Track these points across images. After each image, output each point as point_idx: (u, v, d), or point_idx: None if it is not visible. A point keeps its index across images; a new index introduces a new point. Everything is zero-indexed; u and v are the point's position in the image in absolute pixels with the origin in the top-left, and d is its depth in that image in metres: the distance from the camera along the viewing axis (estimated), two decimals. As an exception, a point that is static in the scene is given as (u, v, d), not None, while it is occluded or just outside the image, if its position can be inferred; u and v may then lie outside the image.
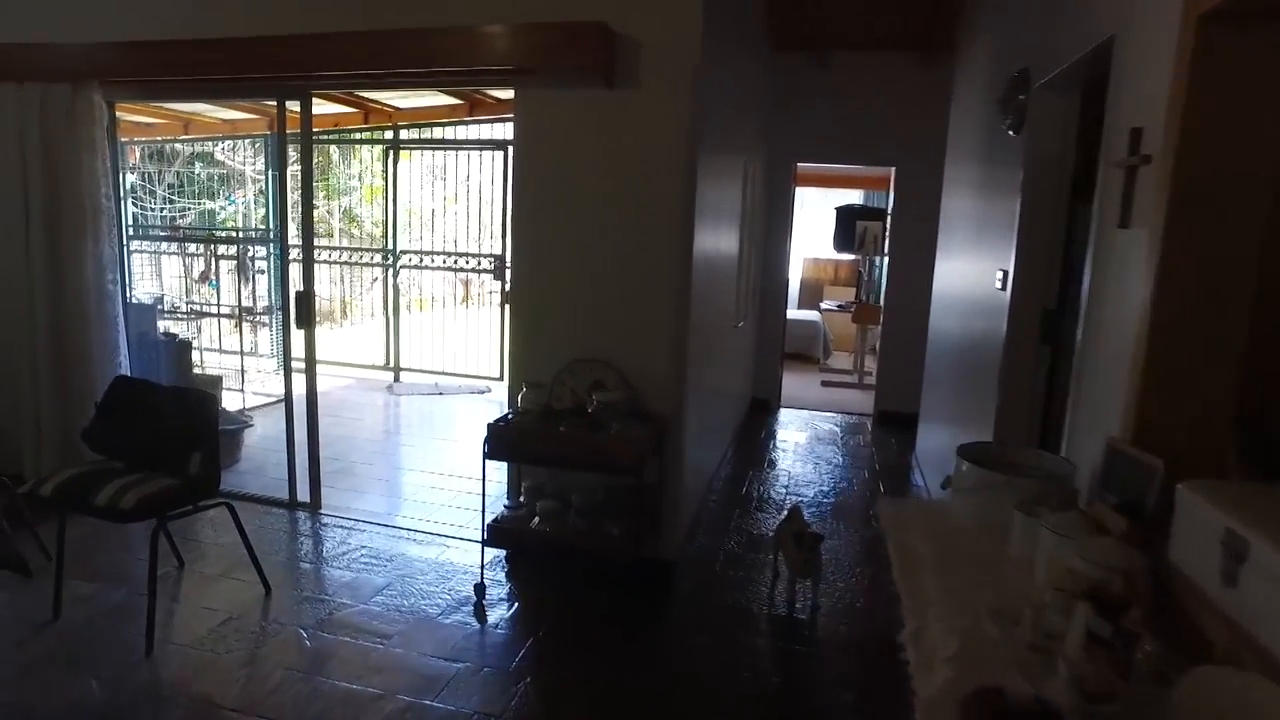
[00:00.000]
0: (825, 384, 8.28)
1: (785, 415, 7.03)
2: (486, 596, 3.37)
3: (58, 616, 3.13)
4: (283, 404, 4.45)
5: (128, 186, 8.00)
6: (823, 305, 9.58)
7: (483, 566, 3.47)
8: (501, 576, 3.59)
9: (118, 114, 7.45)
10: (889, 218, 7.92)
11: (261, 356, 7.41)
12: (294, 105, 3.96)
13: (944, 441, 4.68)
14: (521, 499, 3.51)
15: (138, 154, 8.22)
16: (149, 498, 2.85)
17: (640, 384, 3.45)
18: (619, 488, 3.37)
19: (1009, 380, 3.15)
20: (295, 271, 4.15)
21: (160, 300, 7.22)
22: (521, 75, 3.52)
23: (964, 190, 4.72)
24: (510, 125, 7.60)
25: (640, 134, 3.39)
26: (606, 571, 3.53)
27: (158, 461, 3.09)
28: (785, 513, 3.62)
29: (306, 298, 4.10)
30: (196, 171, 9.93)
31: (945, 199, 5.49)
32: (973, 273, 4.12)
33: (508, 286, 7.07)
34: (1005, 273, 3.22)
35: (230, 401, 6.27)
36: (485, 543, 3.40)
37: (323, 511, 4.28)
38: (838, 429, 6.64)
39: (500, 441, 3.20)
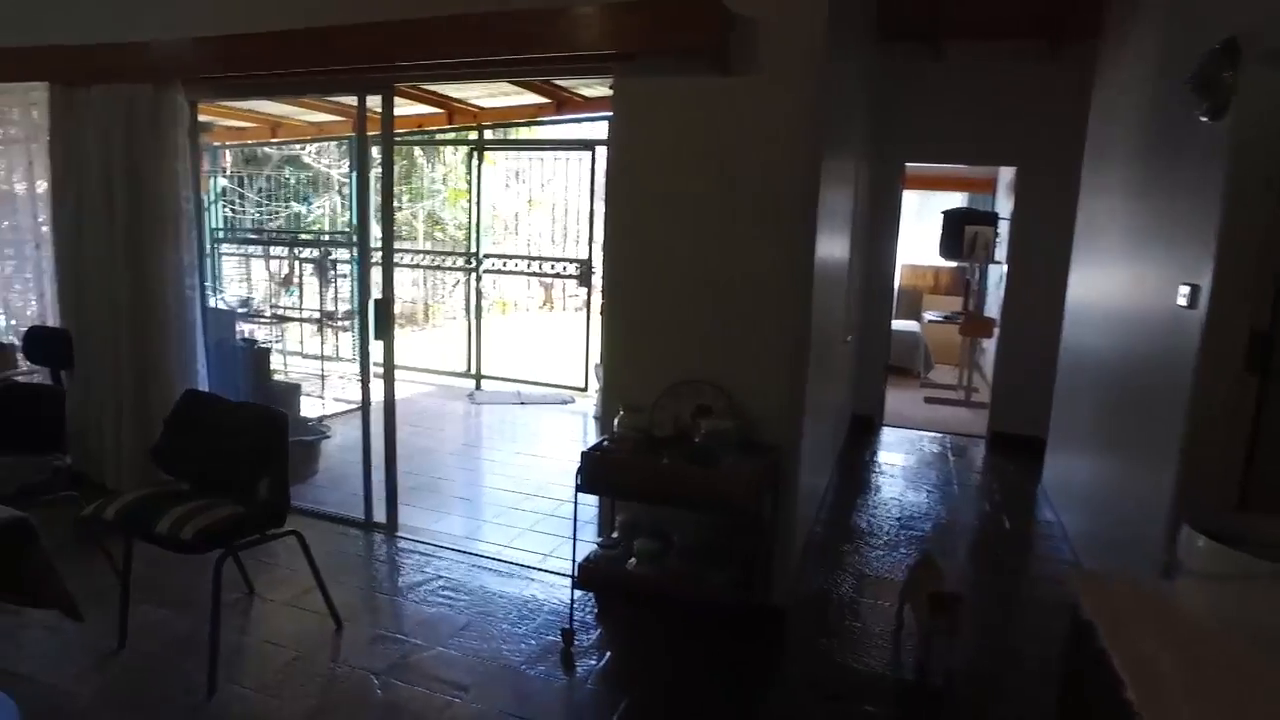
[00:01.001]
0: (929, 400, 7.70)
1: (888, 434, 6.50)
2: (575, 642, 3.02)
3: (123, 646, 2.93)
4: (375, 398, 4.16)
5: (219, 190, 8.03)
6: (926, 317, 8.96)
7: (571, 609, 3.12)
8: (591, 618, 3.23)
9: (212, 119, 7.52)
10: (1005, 222, 7.32)
11: (344, 361, 7.29)
12: (375, 104, 3.71)
13: (1084, 474, 4.12)
14: (615, 535, 3.15)
15: (229, 157, 8.24)
16: (209, 528, 2.59)
17: (751, 410, 3.05)
18: (725, 526, 2.98)
19: (1201, 416, 2.62)
20: (376, 276, 3.90)
21: (247, 303, 7.18)
22: (620, 62, 3.17)
23: (1113, 191, 4.15)
24: (598, 125, 7.37)
25: (756, 127, 2.99)
26: (710, 619, 3.14)
27: (224, 485, 2.84)
28: (916, 559, 3.15)
29: (385, 305, 3.84)
30: (287, 175, 10.00)
31: (1084, 201, 4.90)
32: (1132, 285, 3.57)
33: (598, 295, 6.80)
34: (1194, 287, 2.69)
35: (310, 408, 6.14)
36: (575, 583, 3.05)
37: (399, 534, 4.01)
38: (946, 451, 6.09)
39: (595, 473, 2.84)
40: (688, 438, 2.94)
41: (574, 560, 3.04)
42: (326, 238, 8.36)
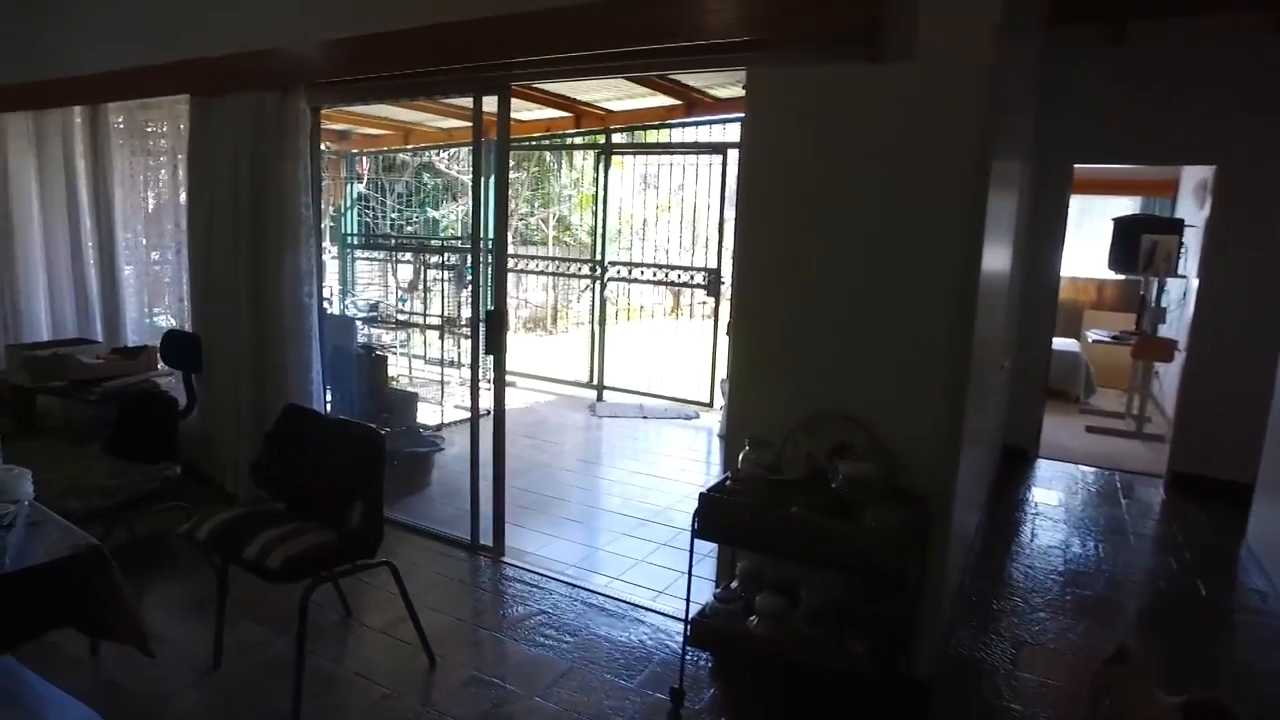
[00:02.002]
0: (1091, 430, 6.87)
1: (1044, 468, 5.79)
2: (685, 703, 2.67)
3: (218, 665, 2.83)
4: (483, 421, 3.98)
5: (355, 195, 8.22)
6: (1090, 336, 8.06)
7: (683, 666, 2.77)
8: (705, 675, 2.88)
9: (350, 127, 7.69)
10: (1193, 230, 6.43)
11: (465, 367, 7.24)
12: (492, 106, 3.51)
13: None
14: (735, 585, 2.78)
15: (366, 164, 8.43)
16: (297, 557, 2.42)
17: (899, 450, 2.61)
18: (862, 584, 2.56)
19: None
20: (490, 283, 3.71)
21: (375, 307, 7.27)
22: (754, 51, 2.81)
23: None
24: (730, 128, 7.02)
25: (912, 122, 2.56)
26: (841, 689, 2.72)
27: (319, 507, 2.68)
28: (1112, 654, 2.56)
29: (497, 317, 3.63)
30: (423, 182, 10.20)
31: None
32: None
33: (726, 306, 6.46)
34: None
35: (431, 415, 6.09)
36: (688, 640, 2.70)
37: (505, 560, 3.79)
38: (1115, 490, 5.34)
39: (714, 520, 2.49)
40: (823, 481, 2.54)
41: (686, 618, 2.69)
42: (442, 243, 8.40)
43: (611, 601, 3.41)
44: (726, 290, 6.97)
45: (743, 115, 6.14)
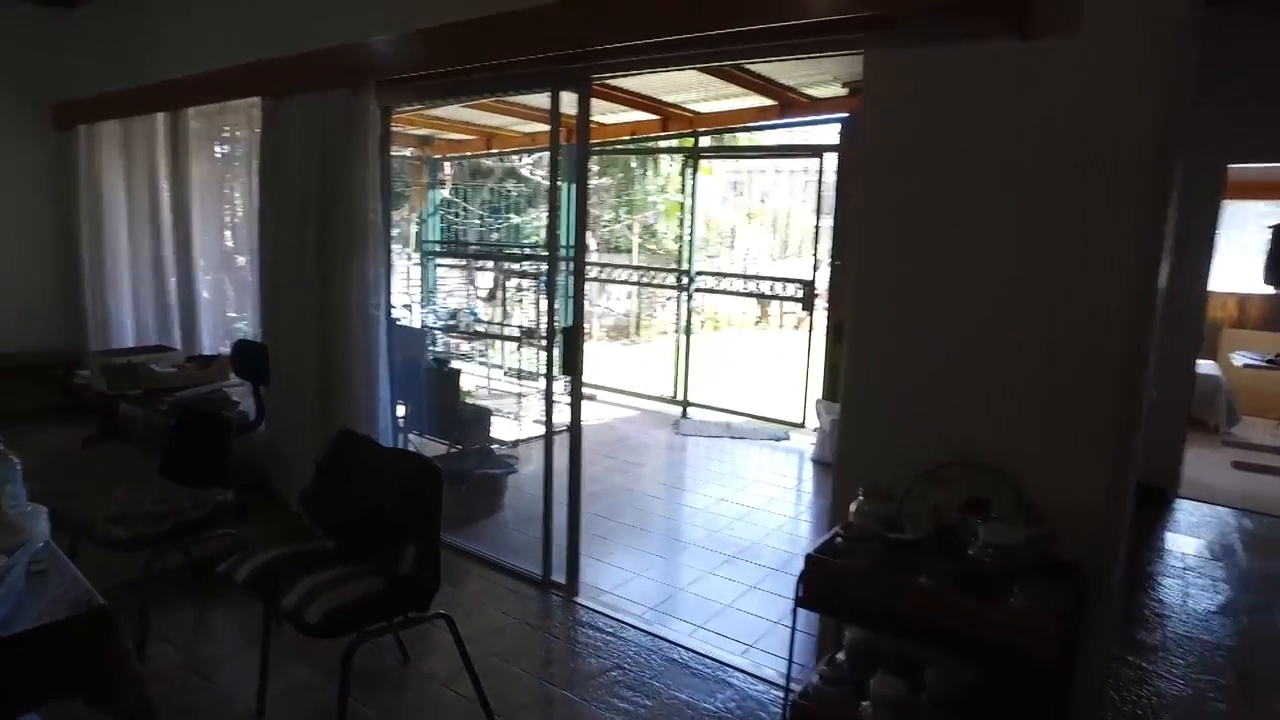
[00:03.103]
0: (1239, 465, 6.09)
1: (1186, 510, 5.10)
2: (780, 797, 2.27)
3: (261, 713, 2.57)
4: (561, 436, 3.65)
5: (437, 202, 8.09)
6: (1236, 359, 7.20)
7: (777, 752, 2.37)
8: (802, 759, 2.46)
9: (434, 132, 7.55)
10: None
11: (541, 378, 6.98)
12: (570, 106, 3.19)
13: None
14: (841, 658, 2.35)
15: (448, 169, 8.30)
16: (338, 610, 2.12)
17: (1052, 509, 2.14)
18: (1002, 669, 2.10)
19: None
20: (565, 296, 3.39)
21: (455, 315, 7.08)
22: (874, 30, 2.39)
23: None
24: (827, 129, 6.55)
25: (1075, 111, 2.10)
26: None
27: (368, 548, 2.39)
28: None
29: (574, 334, 3.30)
30: (508, 189, 10.05)
31: None
32: None
33: (821, 322, 5.99)
34: None
35: (507, 430, 5.83)
36: (784, 724, 2.29)
37: (579, 600, 3.45)
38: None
39: (822, 587, 2.07)
40: (956, 544, 2.09)
41: (785, 703, 2.28)
42: (522, 250, 8.18)
43: (695, 657, 3.02)
44: (821, 303, 6.51)
45: (842, 115, 5.75)
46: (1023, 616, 1.83)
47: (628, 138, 6.62)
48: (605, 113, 5.98)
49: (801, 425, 6.47)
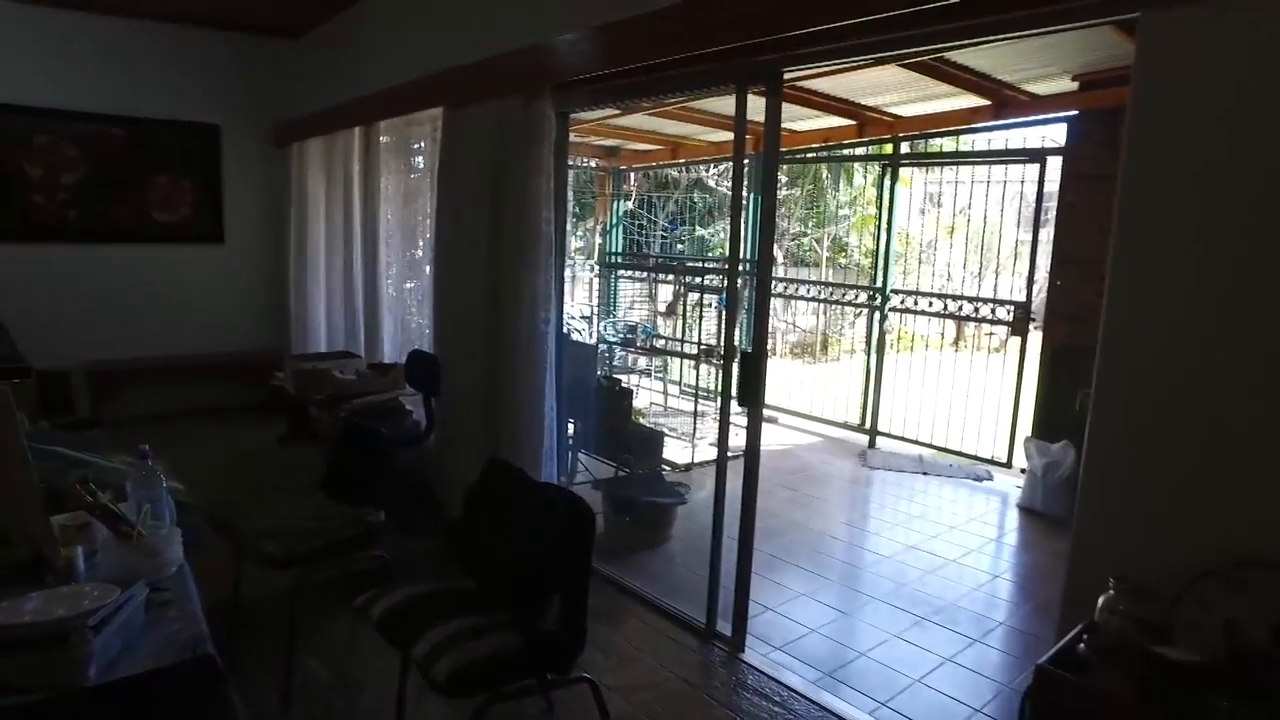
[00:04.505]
0: None
1: None
2: None
3: (398, 758, 2.41)
4: (735, 462, 3.29)
5: (621, 213, 7.99)
6: None
7: None
8: None
9: (620, 142, 7.45)
10: None
11: (719, 397, 6.64)
12: (757, 110, 2.84)
13: None
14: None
15: (634, 180, 8.19)
16: (466, 669, 1.88)
17: None
18: None
19: None
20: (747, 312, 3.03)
21: (633, 329, 6.91)
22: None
23: None
24: (1048, 129, 5.75)
25: None
26: None
27: (509, 594, 2.15)
28: None
29: (753, 362, 2.93)
30: (694, 200, 9.84)
31: None
32: None
33: (1035, 347, 5.22)
34: None
35: (680, 453, 5.55)
36: None
37: (744, 657, 3.07)
38: None
39: (1058, 711, 1.57)
40: (1256, 674, 1.52)
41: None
42: (703, 264, 7.87)
43: (878, 747, 2.56)
44: (1035, 327, 5.72)
45: (1069, 114, 5.01)
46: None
47: (821, 144, 6.16)
48: (797, 118, 5.58)
49: (1007, 465, 5.71)
